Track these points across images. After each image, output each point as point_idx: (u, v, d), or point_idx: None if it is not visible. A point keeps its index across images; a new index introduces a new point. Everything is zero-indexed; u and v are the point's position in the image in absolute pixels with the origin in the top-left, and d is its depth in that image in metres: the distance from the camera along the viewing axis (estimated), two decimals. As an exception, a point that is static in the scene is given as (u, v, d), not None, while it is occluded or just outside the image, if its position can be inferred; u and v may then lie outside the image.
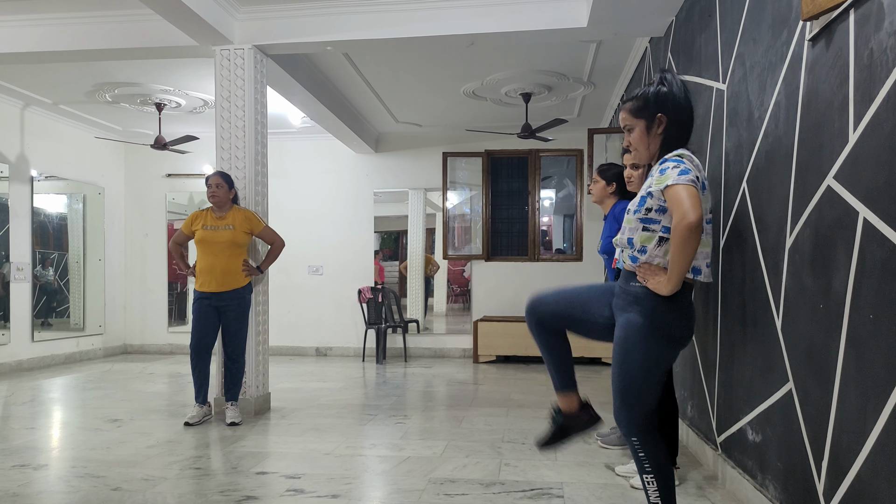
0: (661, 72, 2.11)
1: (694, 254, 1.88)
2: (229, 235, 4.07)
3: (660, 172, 1.98)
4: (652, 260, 2.01)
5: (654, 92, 2.06)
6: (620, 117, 2.15)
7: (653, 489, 2.02)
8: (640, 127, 2.08)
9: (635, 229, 2.05)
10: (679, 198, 1.86)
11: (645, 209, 2.02)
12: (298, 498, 2.74)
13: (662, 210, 1.99)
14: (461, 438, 3.74)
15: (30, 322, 6.73)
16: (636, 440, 2.03)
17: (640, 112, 2.08)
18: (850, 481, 1.76)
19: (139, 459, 3.31)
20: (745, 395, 2.61)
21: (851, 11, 1.76)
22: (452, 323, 8.54)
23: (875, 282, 1.64)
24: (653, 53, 4.54)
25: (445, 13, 4.22)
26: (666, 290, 1.93)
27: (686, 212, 1.83)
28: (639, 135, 2.09)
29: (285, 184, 7.90)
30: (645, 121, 2.08)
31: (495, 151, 7.73)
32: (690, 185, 1.88)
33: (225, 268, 4.07)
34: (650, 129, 2.07)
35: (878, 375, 1.62)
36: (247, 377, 4.36)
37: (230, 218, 4.12)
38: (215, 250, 4.06)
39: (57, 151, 7.12)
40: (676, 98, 2.06)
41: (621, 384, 2.04)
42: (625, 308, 2.06)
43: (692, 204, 1.84)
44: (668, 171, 1.94)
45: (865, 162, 1.69)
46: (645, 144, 2.10)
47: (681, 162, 1.96)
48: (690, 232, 1.83)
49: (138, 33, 4.43)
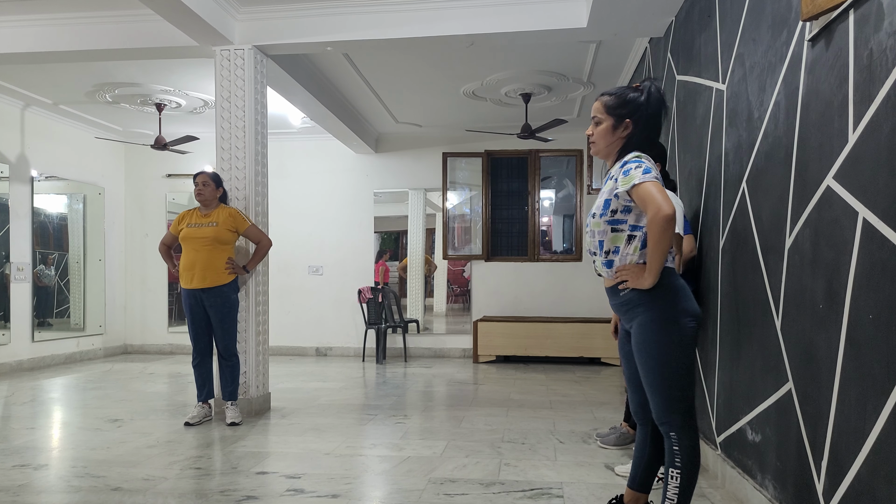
0: (651, 80, 2.16)
1: (670, 244, 1.96)
2: (211, 232, 4.05)
3: (623, 174, 2.04)
4: (625, 259, 2.08)
5: (632, 97, 2.12)
6: (594, 107, 2.19)
7: (674, 485, 2.02)
8: (608, 124, 2.14)
9: (604, 232, 2.11)
10: (650, 193, 1.95)
11: (610, 211, 2.09)
12: (298, 498, 2.74)
13: (627, 210, 2.07)
14: (461, 438, 3.74)
15: (30, 322, 6.74)
16: (674, 435, 2.03)
17: (612, 110, 2.13)
18: (850, 481, 1.76)
19: (139, 459, 3.32)
20: (745, 394, 2.61)
21: (851, 12, 1.76)
22: (452, 323, 8.54)
23: (874, 282, 1.64)
24: (652, 54, 4.55)
25: (445, 13, 4.22)
26: (648, 282, 2.00)
27: (660, 205, 1.92)
28: (603, 130, 2.15)
29: (285, 184, 7.91)
30: (613, 119, 2.13)
31: (495, 152, 7.74)
32: (657, 182, 1.98)
33: (205, 264, 4.03)
34: (616, 129, 2.13)
35: (878, 375, 1.62)
36: (247, 377, 4.36)
37: (214, 215, 4.11)
38: (196, 246, 4.04)
39: (57, 152, 7.13)
40: (650, 111, 2.12)
41: (654, 382, 2.04)
42: (629, 317, 2.12)
43: (664, 197, 1.93)
44: (632, 171, 2.02)
45: (865, 162, 1.69)
46: (606, 141, 2.15)
47: (641, 162, 2.04)
48: (668, 223, 1.92)
49: (138, 33, 4.43)
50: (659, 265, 1.98)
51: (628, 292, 2.08)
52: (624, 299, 2.10)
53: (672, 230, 1.94)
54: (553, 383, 5.75)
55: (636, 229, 2.07)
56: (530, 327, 7.04)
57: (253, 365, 4.38)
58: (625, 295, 2.09)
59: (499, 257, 7.76)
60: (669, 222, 1.92)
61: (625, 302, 2.10)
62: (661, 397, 2.03)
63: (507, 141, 7.45)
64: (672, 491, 2.03)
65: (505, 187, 7.80)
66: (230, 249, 4.17)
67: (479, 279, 7.78)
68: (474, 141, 7.66)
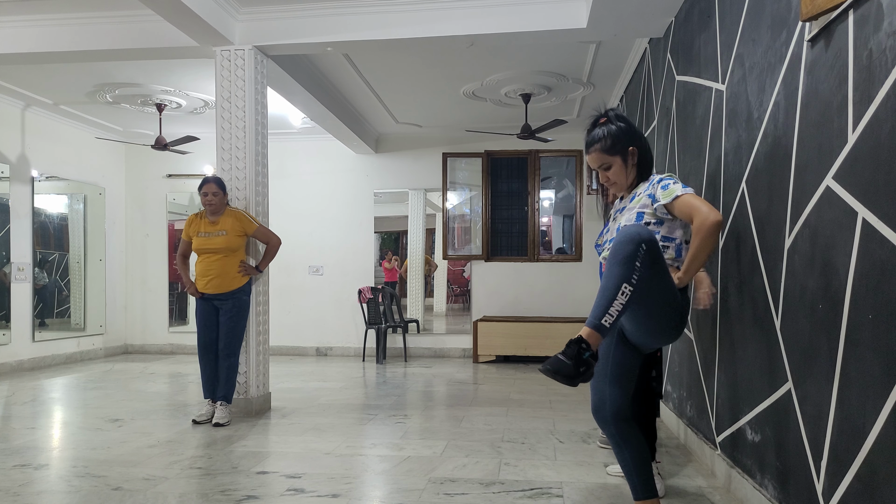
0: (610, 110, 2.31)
1: (713, 250, 2.12)
2: (222, 242, 4.11)
3: (662, 188, 2.18)
4: None
5: (619, 129, 2.26)
6: (591, 158, 2.31)
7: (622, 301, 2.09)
8: (618, 162, 2.28)
9: None
10: (695, 203, 2.09)
11: (644, 223, 2.20)
12: (299, 497, 2.74)
13: (660, 222, 2.21)
14: (461, 438, 3.75)
15: (31, 322, 6.74)
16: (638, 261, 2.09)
17: (613, 149, 2.27)
18: (850, 481, 1.77)
19: (140, 459, 3.32)
20: (745, 394, 2.61)
21: (850, 12, 1.76)
22: (452, 323, 8.56)
23: (874, 282, 1.64)
24: (652, 54, 4.55)
25: (445, 14, 4.23)
26: (683, 282, 2.12)
27: (710, 211, 2.06)
28: (618, 169, 2.29)
29: (286, 184, 7.91)
30: (620, 156, 2.27)
31: (495, 152, 7.74)
32: (696, 194, 2.14)
33: (220, 272, 4.12)
34: (626, 161, 2.28)
35: (877, 375, 1.62)
36: (247, 377, 4.37)
37: (222, 223, 4.14)
38: (210, 256, 4.13)
39: (58, 152, 7.13)
40: (638, 131, 2.30)
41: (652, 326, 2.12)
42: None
43: (710, 206, 2.07)
44: (671, 185, 2.17)
45: (864, 162, 1.69)
46: (625, 176, 2.29)
47: (676, 178, 2.21)
48: (717, 227, 2.05)
49: (139, 34, 4.44)
50: (698, 268, 2.11)
51: None
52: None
53: (717, 238, 2.07)
54: (553, 383, 5.75)
55: (667, 241, 2.21)
56: (530, 327, 7.04)
57: (253, 365, 4.38)
58: None
59: (499, 257, 7.76)
60: (717, 227, 2.05)
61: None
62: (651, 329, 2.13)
63: (507, 141, 7.45)
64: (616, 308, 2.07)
65: (505, 187, 7.80)
66: (241, 252, 4.22)
67: (478, 279, 7.79)
68: (474, 141, 7.66)
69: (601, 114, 2.31)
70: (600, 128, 2.28)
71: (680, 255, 2.23)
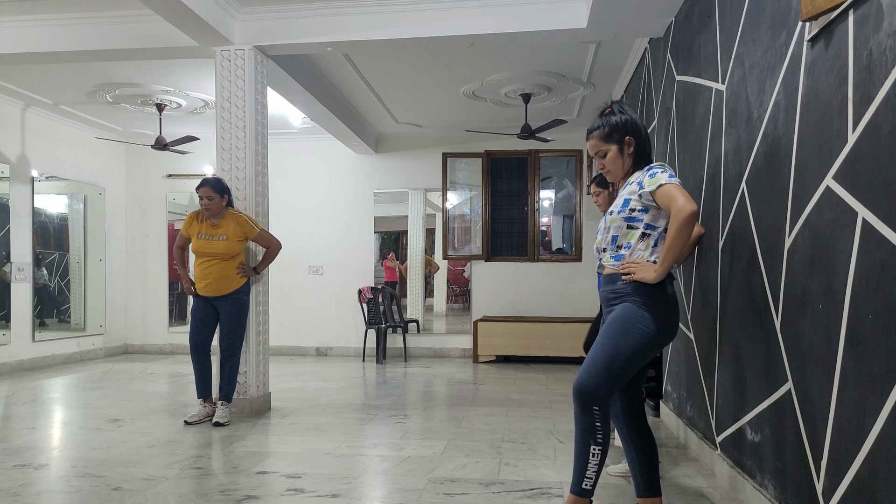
0: (614, 102, 2.35)
1: (687, 241, 2.11)
2: (223, 246, 4.10)
3: (650, 176, 2.20)
4: (635, 255, 2.22)
5: (618, 119, 2.30)
6: (590, 145, 2.37)
7: (595, 462, 2.13)
8: (614, 150, 2.32)
9: (619, 227, 2.26)
10: (675, 193, 2.11)
11: (629, 209, 2.24)
12: (299, 497, 2.74)
13: (645, 210, 2.22)
14: (461, 438, 3.75)
15: (31, 322, 6.74)
16: (598, 410, 2.12)
17: (610, 137, 2.31)
18: (849, 481, 1.77)
19: (140, 459, 3.32)
20: (745, 394, 2.61)
21: (850, 12, 1.76)
22: (452, 323, 8.55)
23: (874, 282, 1.64)
24: (652, 54, 4.55)
25: (445, 14, 4.23)
26: (655, 276, 2.12)
27: (686, 202, 2.08)
28: (613, 157, 2.32)
29: (286, 184, 7.91)
30: (616, 144, 2.31)
31: (495, 152, 7.74)
32: (680, 185, 2.16)
33: (218, 275, 4.11)
34: (622, 150, 2.31)
35: (877, 375, 1.62)
36: (247, 377, 4.37)
37: (224, 227, 4.13)
38: (210, 260, 4.11)
39: (58, 152, 7.13)
40: (637, 123, 2.32)
41: (609, 358, 2.13)
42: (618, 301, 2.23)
43: (688, 197, 2.10)
44: (658, 174, 2.19)
45: (864, 162, 1.69)
46: (619, 165, 2.33)
47: (665, 168, 2.21)
48: (691, 218, 2.06)
49: (139, 34, 4.43)
50: (672, 260, 2.11)
51: (627, 284, 2.19)
52: (618, 288, 2.22)
53: (692, 228, 2.08)
54: (553, 383, 5.75)
55: (650, 228, 2.23)
56: (530, 327, 7.04)
57: (253, 365, 4.38)
58: (621, 285, 2.21)
59: (499, 257, 7.76)
60: (692, 218, 2.06)
61: (618, 289, 2.22)
62: (606, 370, 2.13)
63: (507, 141, 7.45)
64: (594, 469, 2.14)
65: (505, 187, 7.80)
66: (241, 256, 4.22)
67: (478, 279, 7.79)
68: (474, 141, 7.66)
69: (607, 104, 2.37)
70: (603, 117, 2.34)
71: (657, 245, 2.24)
